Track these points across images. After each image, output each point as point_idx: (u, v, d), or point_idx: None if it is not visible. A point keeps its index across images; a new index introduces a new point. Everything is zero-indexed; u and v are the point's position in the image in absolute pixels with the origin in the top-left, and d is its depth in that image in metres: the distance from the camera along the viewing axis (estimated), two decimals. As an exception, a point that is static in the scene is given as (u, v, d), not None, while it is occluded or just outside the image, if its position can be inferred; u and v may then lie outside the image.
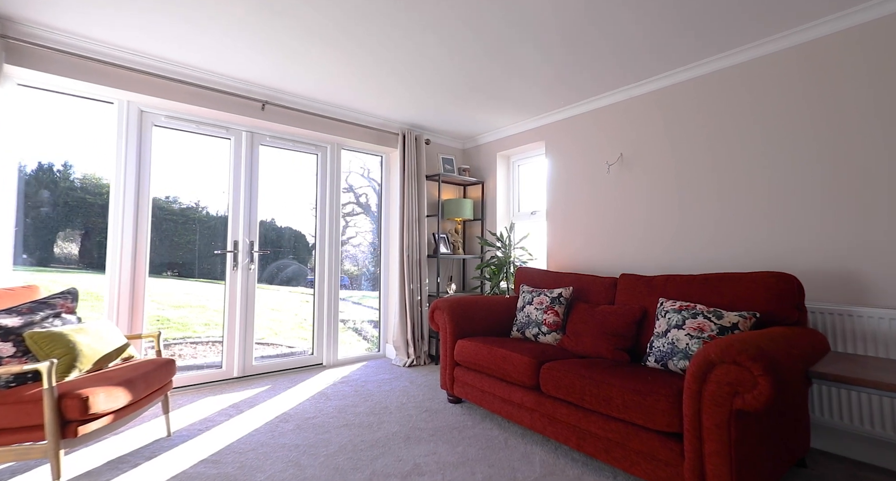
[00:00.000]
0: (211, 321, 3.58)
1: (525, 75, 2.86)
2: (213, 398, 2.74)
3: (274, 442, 2.09)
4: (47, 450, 1.58)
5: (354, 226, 4.17)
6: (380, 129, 3.76)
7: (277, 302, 3.74)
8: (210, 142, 3.19)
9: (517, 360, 2.11)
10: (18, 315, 1.85)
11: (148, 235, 2.86)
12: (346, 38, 2.45)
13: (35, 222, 2.66)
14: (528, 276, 3.07)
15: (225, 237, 3.21)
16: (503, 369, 2.17)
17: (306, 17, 2.22)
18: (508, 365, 2.15)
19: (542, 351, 2.21)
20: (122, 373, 1.87)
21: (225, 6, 2.13)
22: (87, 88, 2.61)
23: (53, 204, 2.72)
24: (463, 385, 2.49)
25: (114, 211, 2.73)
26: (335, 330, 3.65)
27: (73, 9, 2.16)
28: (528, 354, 2.11)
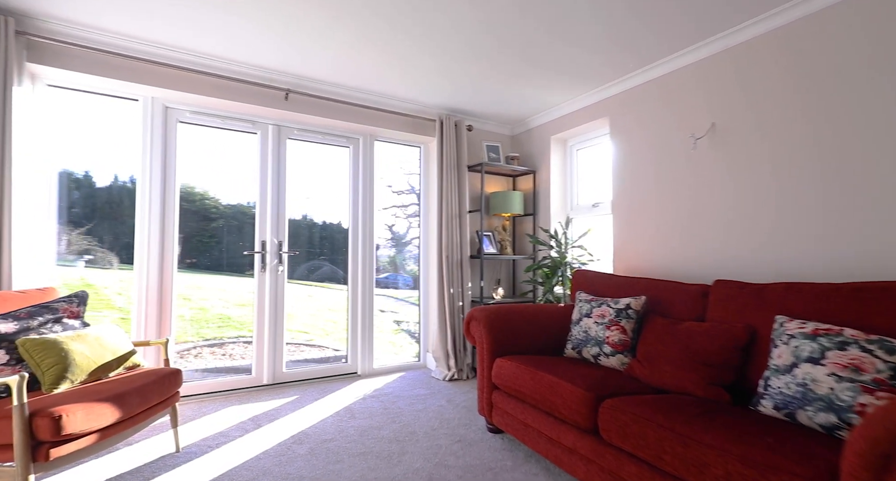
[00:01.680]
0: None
1: (579, 37, 2.33)
2: (237, 408, 2.56)
3: (278, 471, 1.81)
4: (17, 474, 1.40)
5: (418, 226, 3.83)
6: (416, 116, 3.40)
7: (330, 301, 3.58)
8: (248, 139, 3.04)
9: (567, 391, 1.62)
10: (15, 320, 1.74)
11: (175, 232, 2.76)
12: (370, 14, 2.15)
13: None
14: (588, 281, 2.53)
15: (283, 237, 3.07)
16: (550, 401, 1.69)
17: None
18: (556, 396, 1.66)
19: (602, 379, 1.69)
20: (113, 387, 1.69)
21: None
22: (111, 85, 2.54)
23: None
24: (502, 414, 2.04)
25: (140, 208, 2.65)
26: (370, 336, 3.36)
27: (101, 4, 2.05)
28: (582, 384, 1.61)
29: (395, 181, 3.77)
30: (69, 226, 2.65)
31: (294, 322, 4.20)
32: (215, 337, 3.69)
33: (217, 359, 3.56)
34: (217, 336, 3.69)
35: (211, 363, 3.52)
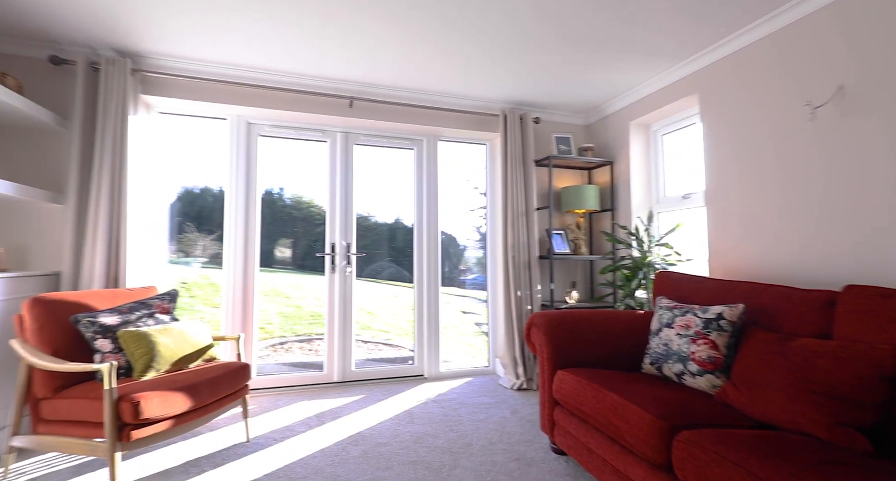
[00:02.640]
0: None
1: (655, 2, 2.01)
2: (306, 403, 2.68)
3: (329, 471, 1.81)
4: (105, 450, 1.58)
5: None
6: (479, 113, 3.28)
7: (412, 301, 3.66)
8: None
9: (635, 416, 1.36)
10: (119, 314, 1.99)
11: (257, 235, 2.98)
12: (423, 16, 2.16)
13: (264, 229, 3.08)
14: (672, 285, 2.17)
15: (391, 239, 3.24)
16: (614, 425, 1.44)
17: (385, 3, 1.93)
18: (621, 420, 1.41)
19: (683, 404, 1.40)
20: (188, 378, 1.84)
21: (316, 4, 1.99)
22: (207, 108, 2.82)
23: (273, 217, 3.13)
24: (565, 434, 1.81)
25: (227, 215, 2.91)
26: (436, 338, 3.31)
27: (188, 34, 2.30)
28: (654, 408, 1.34)
29: (482, 183, 3.69)
30: (202, 232, 3.04)
31: (376, 321, 4.37)
32: (306, 333, 3.97)
33: (304, 354, 3.82)
34: (307, 332, 3.97)
35: (299, 358, 3.78)
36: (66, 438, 1.66)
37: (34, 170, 2.41)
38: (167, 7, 2.07)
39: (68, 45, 2.44)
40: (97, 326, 1.88)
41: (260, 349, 3.77)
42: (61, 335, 1.87)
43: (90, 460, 1.93)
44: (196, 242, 3.22)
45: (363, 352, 4.09)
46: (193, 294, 4.24)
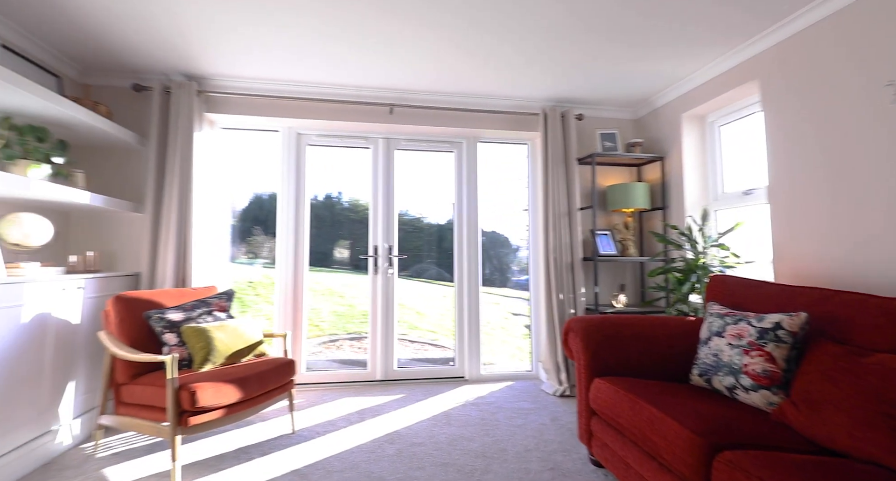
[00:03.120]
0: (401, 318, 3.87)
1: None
2: (350, 399, 2.79)
3: (364, 467, 1.88)
4: (168, 433, 1.76)
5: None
6: (518, 113, 3.23)
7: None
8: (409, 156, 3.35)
9: (672, 431, 1.27)
10: (183, 311, 2.21)
11: (307, 238, 3.16)
12: (457, 22, 2.19)
13: (315, 232, 3.33)
14: (726, 290, 1.99)
15: (440, 240, 3.36)
16: (650, 440, 1.35)
17: (418, 12, 1.99)
18: (658, 435, 1.32)
19: (729, 421, 1.28)
20: (238, 371, 2.00)
21: (357, 18, 2.11)
22: (262, 122, 3.05)
23: (332, 220, 3.38)
24: (602, 445, 1.73)
25: (280, 218, 3.12)
26: (477, 339, 3.30)
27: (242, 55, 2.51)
28: (693, 424, 1.24)
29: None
30: (269, 235, 3.32)
31: (424, 321, 4.46)
32: (356, 331, 4.15)
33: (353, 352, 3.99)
34: (357, 330, 4.15)
35: (348, 355, 3.96)
36: (139, 420, 1.87)
37: (119, 184, 2.75)
38: (223, 32, 2.27)
39: (147, 73, 2.76)
40: (165, 322, 2.11)
41: (313, 345, 3.99)
42: (137, 328, 2.11)
43: (159, 441, 2.16)
44: (262, 244, 3.49)
45: (409, 352, 4.18)
46: (258, 292, 4.58)
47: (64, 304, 2.09)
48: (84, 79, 2.73)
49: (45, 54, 2.42)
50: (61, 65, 2.55)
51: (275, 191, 3.19)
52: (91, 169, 2.71)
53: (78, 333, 2.18)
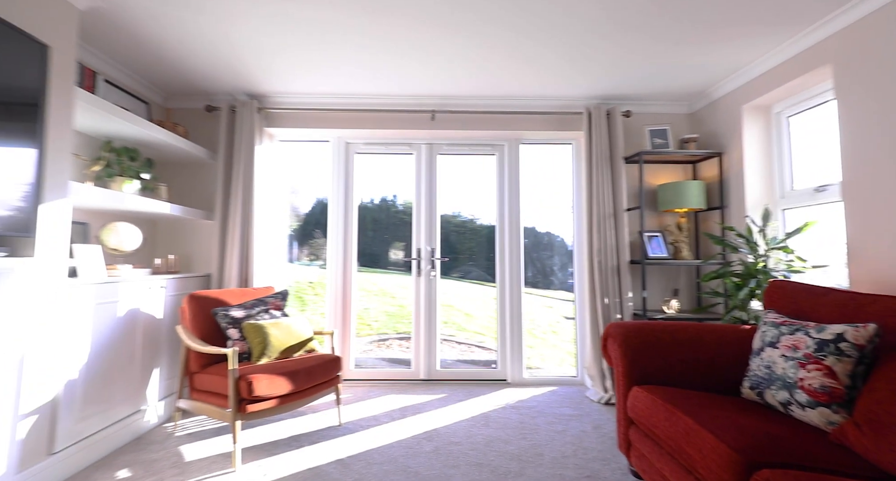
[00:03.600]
0: (450, 319, 3.97)
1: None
2: (394, 397, 2.91)
3: (402, 462, 1.97)
4: (229, 418, 1.97)
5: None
6: (561, 112, 3.18)
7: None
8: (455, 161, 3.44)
9: (707, 445, 1.20)
10: (244, 309, 2.45)
11: (354, 241, 3.34)
12: (493, 29, 2.25)
13: (371, 234, 3.58)
14: (786, 297, 1.83)
15: (497, 243, 3.41)
16: (685, 453, 1.30)
17: (455, 23, 2.07)
18: (693, 448, 1.26)
19: (775, 437, 1.19)
20: (290, 365, 2.18)
21: (399, 31, 2.24)
22: (315, 133, 3.29)
23: (388, 222, 3.57)
24: (640, 456, 1.67)
25: (331, 223, 3.32)
26: (519, 342, 3.29)
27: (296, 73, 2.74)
28: (731, 438, 1.17)
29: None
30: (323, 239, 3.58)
31: (472, 323, 4.52)
32: (405, 331, 4.30)
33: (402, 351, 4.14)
34: (407, 330, 4.30)
35: (396, 354, 4.11)
36: (207, 405, 2.11)
37: (194, 195, 3.10)
38: (275, 54, 2.49)
39: (217, 95, 3.08)
40: (229, 318, 2.35)
41: (364, 344, 4.19)
42: (206, 323, 2.38)
43: (224, 425, 2.41)
44: (322, 247, 3.74)
45: (456, 353, 4.24)
46: (317, 292, 4.88)
47: (150, 301, 2.40)
48: (167, 103, 3.11)
49: (137, 85, 2.80)
50: (149, 92, 2.93)
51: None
52: (171, 182, 3.08)
53: (161, 326, 2.50)
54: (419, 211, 3.38)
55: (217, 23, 2.16)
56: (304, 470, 1.90)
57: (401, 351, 4.17)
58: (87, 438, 1.97)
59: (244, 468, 1.93)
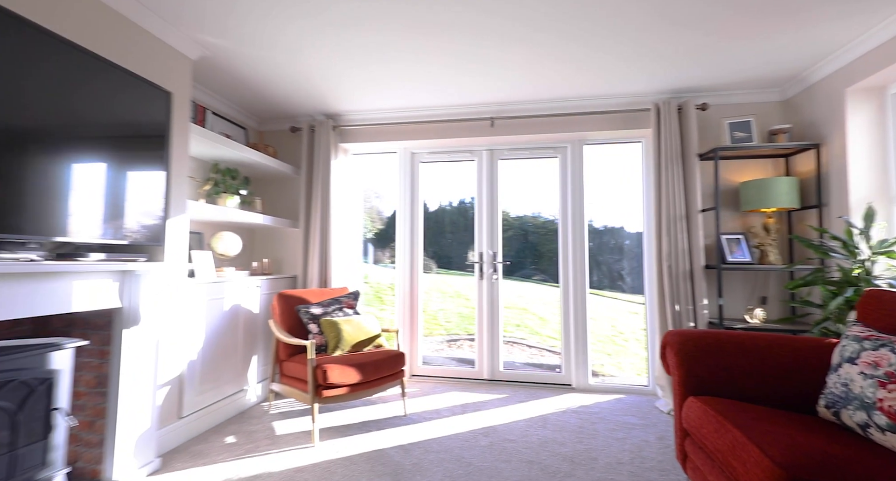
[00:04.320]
0: (523, 322, 4.05)
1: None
2: (456, 393, 3.06)
3: (457, 453, 2.10)
4: (309, 401, 2.27)
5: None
6: (626, 110, 3.07)
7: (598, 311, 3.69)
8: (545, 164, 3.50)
9: (751, 458, 1.15)
10: (321, 307, 2.78)
11: (420, 244, 3.57)
12: (544, 36, 2.29)
13: (450, 237, 3.85)
14: (882, 309, 1.62)
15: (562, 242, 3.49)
16: (730, 466, 1.24)
17: (508, 34, 2.18)
18: (737, 460, 1.21)
19: (839, 459, 1.10)
20: (359, 358, 2.44)
21: (459, 46, 2.41)
22: (384, 146, 3.57)
23: (466, 225, 3.74)
24: (695, 469, 1.61)
25: (398, 227, 3.58)
26: (584, 346, 3.24)
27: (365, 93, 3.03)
28: (776, 453, 1.11)
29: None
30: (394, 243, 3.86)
31: (546, 327, 4.52)
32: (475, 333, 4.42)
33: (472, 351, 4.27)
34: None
35: (466, 354, 4.26)
36: (293, 389, 2.44)
37: (283, 206, 3.55)
38: (343, 76, 2.78)
39: (299, 117, 3.51)
40: (309, 314, 2.68)
41: (437, 343, 4.40)
42: (292, 318, 2.74)
43: (307, 407, 2.75)
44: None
45: (526, 356, 4.26)
46: (396, 293, 5.22)
47: (249, 298, 2.84)
48: (260, 127, 3.61)
49: (237, 114, 3.31)
50: (247, 119, 3.44)
51: (424, 202, 3.66)
52: (264, 195, 3.57)
53: (257, 320, 2.93)
54: (481, 215, 3.49)
55: (293, 57, 2.49)
56: (370, 451, 2.13)
57: (470, 351, 4.29)
58: (204, 408, 2.41)
59: (321, 444, 2.22)
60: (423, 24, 2.16)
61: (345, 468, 1.96)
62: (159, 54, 2.11)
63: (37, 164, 1.51)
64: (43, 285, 1.56)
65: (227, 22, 2.12)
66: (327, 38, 2.29)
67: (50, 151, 1.56)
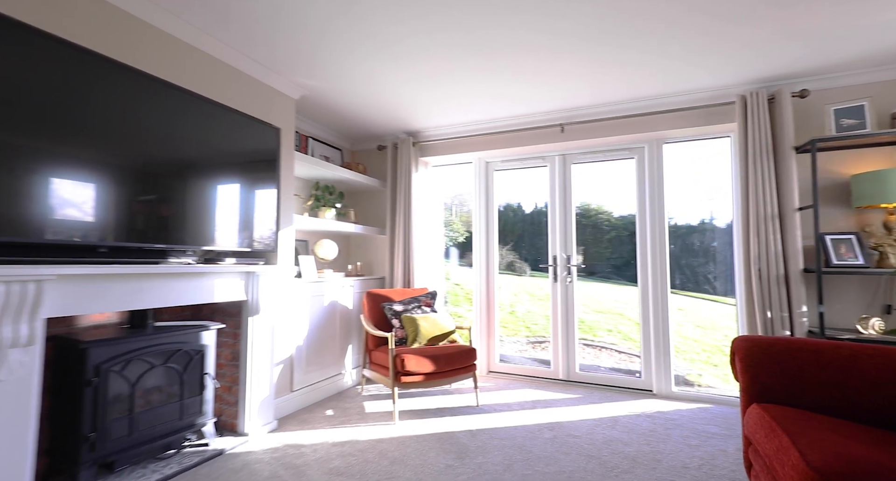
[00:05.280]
0: (615, 327, 4.04)
1: None
2: (529, 390, 3.18)
3: (520, 442, 2.25)
4: (390, 385, 2.61)
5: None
6: (708, 105, 2.91)
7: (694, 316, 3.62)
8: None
9: (790, 462, 1.13)
10: (402, 304, 3.13)
11: (495, 245, 3.76)
12: (606, 45, 2.34)
13: (543, 239, 4.19)
14: None
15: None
16: (774, 470, 1.22)
17: (574, 46, 2.32)
18: (779, 464, 1.18)
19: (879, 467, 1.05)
20: (434, 351, 2.72)
21: (525, 62, 2.63)
22: (460, 157, 3.85)
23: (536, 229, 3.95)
24: (756, 476, 1.55)
25: (475, 230, 3.82)
26: (666, 351, 3.12)
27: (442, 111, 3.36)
28: (816, 457, 1.08)
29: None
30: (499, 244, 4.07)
31: (631, 330, 4.38)
32: (550, 334, 4.45)
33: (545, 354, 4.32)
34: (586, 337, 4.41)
35: (550, 356, 4.32)
36: (379, 374, 2.82)
37: (372, 216, 4.03)
38: (425, 98, 3.11)
39: (385, 136, 3.96)
40: (392, 311, 3.06)
41: (522, 344, 4.51)
42: (378, 314, 3.14)
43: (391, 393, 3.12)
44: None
45: (613, 361, 4.14)
46: (472, 294, 5.46)
47: (344, 296, 3.32)
48: (353, 147, 4.15)
49: (334, 137, 3.87)
50: (342, 142, 3.99)
51: (519, 202, 3.90)
52: (356, 207, 4.08)
53: (351, 315, 3.41)
54: (554, 219, 3.56)
55: (373, 87, 2.88)
56: (441, 432, 2.39)
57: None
58: (309, 386, 2.92)
59: (400, 423, 2.54)
60: (482, 48, 2.37)
61: (417, 443, 2.25)
62: (269, 98, 2.65)
63: (191, 188, 2.07)
64: (196, 282, 2.11)
65: (316, 67, 2.58)
66: (399, 70, 2.63)
67: (198, 177, 2.11)
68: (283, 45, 2.33)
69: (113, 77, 1.76)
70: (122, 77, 1.80)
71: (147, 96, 1.88)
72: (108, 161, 1.73)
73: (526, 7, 1.99)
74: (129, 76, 1.82)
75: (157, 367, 2.04)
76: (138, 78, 1.86)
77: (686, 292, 3.46)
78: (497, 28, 2.16)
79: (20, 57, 1.48)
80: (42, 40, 1.54)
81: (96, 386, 1.79)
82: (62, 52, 1.59)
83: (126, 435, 1.89)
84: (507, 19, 2.09)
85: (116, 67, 1.78)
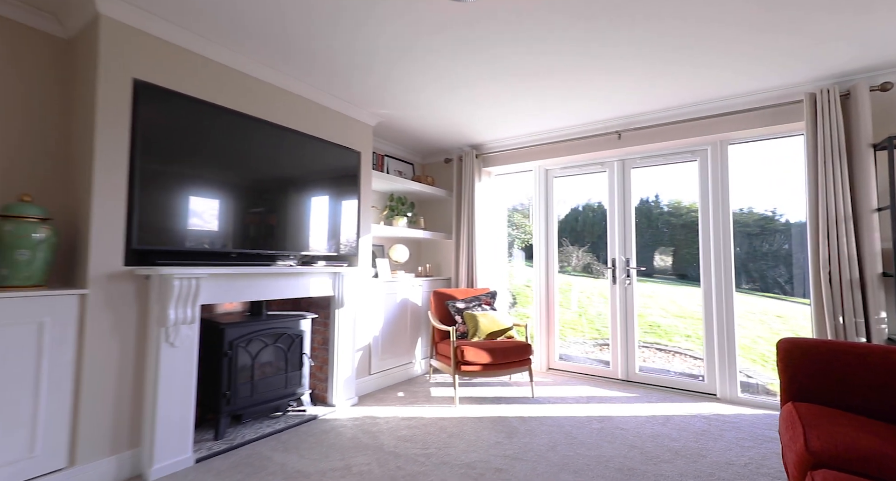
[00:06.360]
0: (694, 332, 3.99)
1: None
2: (585, 387, 3.33)
3: (567, 429, 2.45)
4: (452, 373, 2.96)
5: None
6: (774, 105, 2.85)
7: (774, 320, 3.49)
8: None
9: (797, 445, 1.24)
10: (465, 302, 3.47)
11: (555, 247, 3.94)
12: (656, 54, 2.45)
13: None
14: None
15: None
16: (787, 457, 1.32)
17: (618, 60, 2.52)
18: (791, 452, 1.29)
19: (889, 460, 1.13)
20: (491, 344, 3.01)
21: (578, 76, 2.88)
22: (521, 166, 4.09)
23: (648, 225, 4.24)
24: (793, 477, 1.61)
25: (536, 236, 4.04)
26: (731, 354, 3.06)
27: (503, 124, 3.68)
28: (817, 442, 1.19)
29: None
30: (575, 246, 4.23)
31: (693, 332, 4.24)
32: (645, 341, 4.41)
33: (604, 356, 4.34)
34: (640, 339, 4.37)
35: (602, 355, 4.37)
36: (442, 363, 3.19)
37: (440, 222, 4.44)
38: (487, 114, 3.43)
39: (451, 150, 4.34)
40: (455, 308, 3.41)
41: (589, 346, 4.59)
42: (443, 311, 3.51)
43: (455, 382, 3.47)
44: (571, 254, 4.36)
45: (686, 366, 4.02)
46: (532, 294, 5.57)
47: (414, 294, 3.75)
48: (423, 161, 4.60)
49: (406, 153, 4.35)
50: (413, 157, 4.46)
51: (600, 201, 4.03)
52: (425, 215, 4.52)
53: (420, 311, 3.83)
54: (612, 223, 3.65)
55: (435, 109, 3.26)
56: (495, 416, 2.68)
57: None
58: (384, 371, 3.38)
59: (460, 406, 2.87)
60: (531, 73, 2.62)
61: (473, 423, 2.56)
62: (350, 126, 3.15)
63: (292, 202, 2.61)
64: (296, 280, 2.65)
65: (387, 98, 3.02)
66: (457, 95, 2.97)
67: (295, 192, 2.65)
68: (358, 84, 2.81)
69: (233, 121, 2.35)
70: (239, 120, 2.38)
71: (253, 131, 2.46)
72: (229, 180, 2.31)
73: (571, 38, 2.21)
74: (242, 119, 2.41)
75: (269, 346, 2.61)
76: (247, 121, 2.44)
77: (760, 293, 3.33)
78: (544, 55, 2.41)
79: (169, 113, 2.09)
80: (184, 101, 2.15)
81: (230, 356, 2.38)
82: (200, 108, 2.20)
83: (249, 396, 2.47)
84: (552, 48, 2.32)
85: (236, 116, 2.36)
